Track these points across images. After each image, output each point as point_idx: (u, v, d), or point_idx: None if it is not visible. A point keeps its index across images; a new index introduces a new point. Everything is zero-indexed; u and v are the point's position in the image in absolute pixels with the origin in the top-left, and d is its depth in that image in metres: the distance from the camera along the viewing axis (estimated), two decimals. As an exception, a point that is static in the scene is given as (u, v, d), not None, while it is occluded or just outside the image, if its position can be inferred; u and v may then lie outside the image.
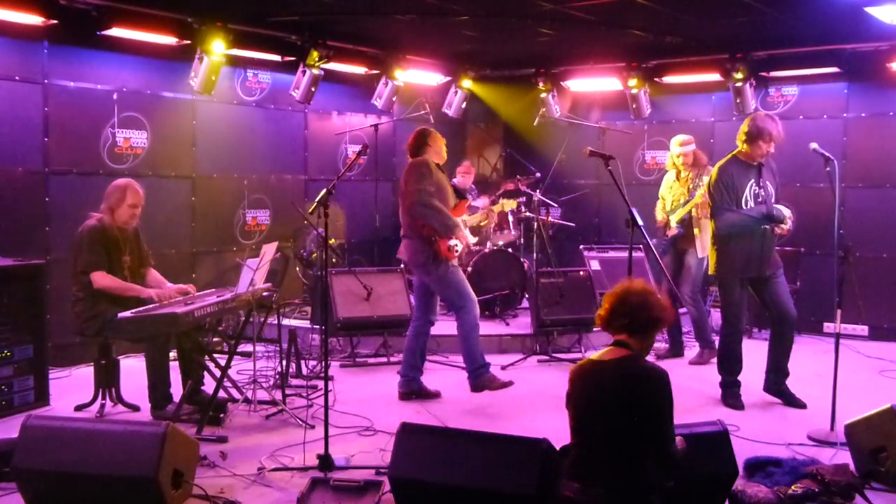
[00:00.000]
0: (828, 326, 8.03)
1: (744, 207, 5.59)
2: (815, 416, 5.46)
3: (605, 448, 3.14)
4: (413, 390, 5.97)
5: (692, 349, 7.31)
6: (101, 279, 5.28)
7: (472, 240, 6.27)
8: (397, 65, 8.73)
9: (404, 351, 6.07)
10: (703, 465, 3.84)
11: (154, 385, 5.39)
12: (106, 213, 5.42)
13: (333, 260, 7.94)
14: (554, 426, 5.21)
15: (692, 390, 6.15)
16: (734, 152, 5.75)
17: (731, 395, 5.80)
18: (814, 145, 5.36)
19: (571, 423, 3.28)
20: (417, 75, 9.15)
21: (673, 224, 7.02)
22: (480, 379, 6.10)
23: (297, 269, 8.28)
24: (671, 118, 9.53)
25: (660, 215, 7.20)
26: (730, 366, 5.83)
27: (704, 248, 6.73)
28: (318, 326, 7.06)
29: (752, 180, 5.62)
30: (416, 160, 6.00)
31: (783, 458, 4.43)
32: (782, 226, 5.62)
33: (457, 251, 5.91)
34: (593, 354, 3.39)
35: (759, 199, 5.61)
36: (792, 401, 5.75)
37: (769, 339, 5.89)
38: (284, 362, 6.11)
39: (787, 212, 5.60)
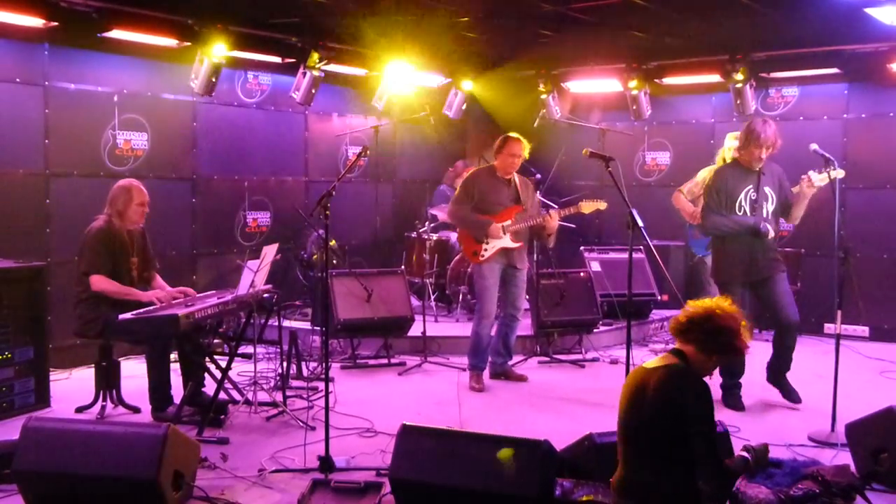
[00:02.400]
0: (828, 327, 8.03)
1: (738, 213, 5.60)
2: (815, 417, 5.46)
3: (651, 460, 3.05)
4: (498, 372, 6.55)
5: None
6: (98, 282, 5.28)
7: (511, 245, 6.23)
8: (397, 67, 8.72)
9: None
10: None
11: (155, 387, 5.40)
12: (114, 216, 5.42)
13: (334, 261, 7.94)
14: (554, 427, 5.21)
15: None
16: (736, 156, 5.76)
17: (731, 395, 5.80)
18: (814, 146, 5.37)
19: (618, 434, 3.22)
20: (418, 77, 9.14)
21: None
22: (470, 373, 6.42)
23: (298, 270, 8.28)
24: (671, 119, 9.53)
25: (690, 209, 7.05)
26: (731, 368, 5.82)
27: None
28: (318, 328, 7.07)
29: (751, 186, 5.60)
30: (469, 172, 6.75)
31: (784, 458, 4.43)
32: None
33: (483, 256, 6.21)
34: (648, 361, 3.30)
35: (756, 206, 5.58)
36: (789, 393, 5.75)
37: (773, 339, 5.86)
38: (285, 364, 6.11)
39: (772, 232, 5.56)
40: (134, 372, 5.96)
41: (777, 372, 5.82)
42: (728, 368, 5.82)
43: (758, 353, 6.11)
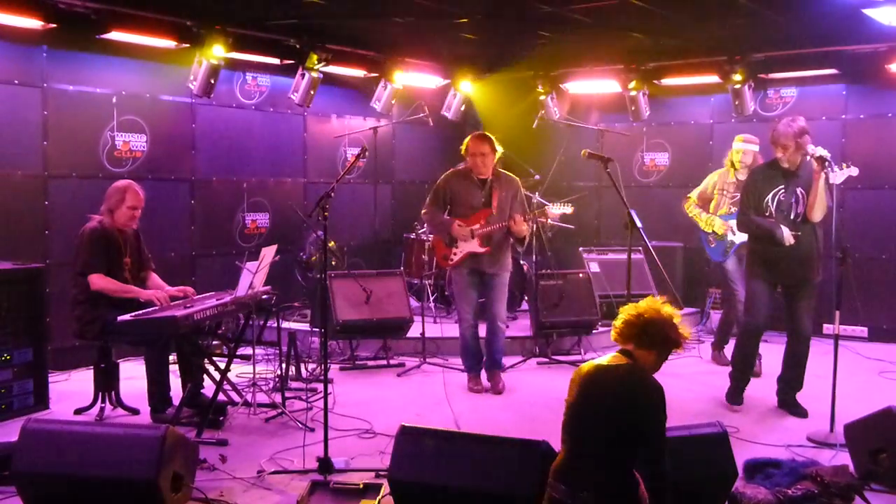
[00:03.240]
0: (827, 328, 8.02)
1: (765, 214, 5.52)
2: (814, 418, 5.46)
3: (595, 452, 3.13)
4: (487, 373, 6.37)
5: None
6: (97, 281, 5.28)
7: (477, 249, 6.00)
8: (396, 68, 8.73)
9: None
10: (702, 467, 3.85)
11: (154, 388, 5.39)
12: (105, 214, 5.43)
13: (333, 263, 7.94)
14: (553, 428, 5.21)
15: (692, 391, 6.16)
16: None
17: (733, 390, 5.76)
18: (811, 147, 5.35)
19: (564, 421, 3.29)
20: (416, 78, 9.15)
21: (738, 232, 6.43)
22: (467, 375, 6.38)
23: (297, 272, 8.28)
24: (670, 120, 9.54)
25: (701, 215, 6.96)
26: (739, 364, 5.78)
27: None
28: (317, 329, 7.07)
29: (781, 187, 5.49)
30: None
31: (782, 459, 4.44)
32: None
33: (452, 260, 6.08)
34: (598, 359, 3.38)
35: (783, 208, 5.47)
36: (795, 410, 5.65)
37: (784, 350, 5.76)
38: (284, 365, 6.11)
39: (791, 240, 5.42)
40: (133, 373, 5.96)
41: (788, 391, 5.70)
42: (737, 364, 5.76)
43: (766, 352, 6.15)
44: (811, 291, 5.59)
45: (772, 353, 6.38)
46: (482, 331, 6.34)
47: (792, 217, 5.49)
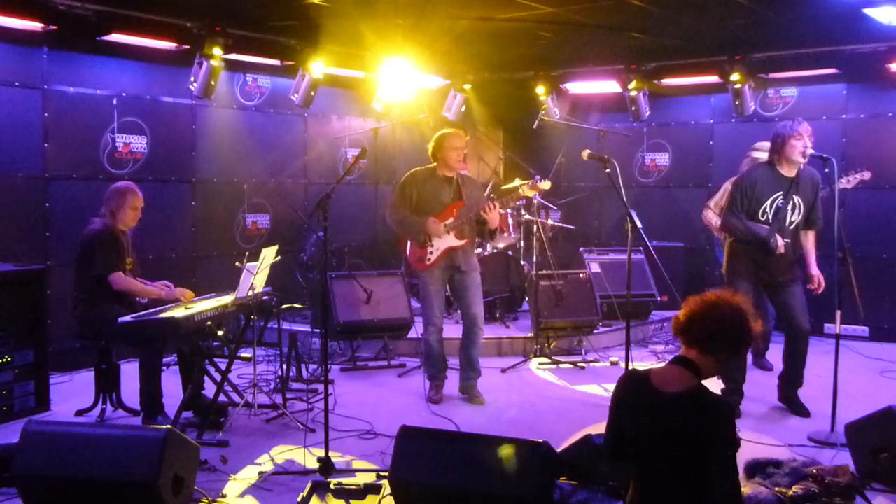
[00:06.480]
0: (828, 328, 8.01)
1: (760, 218, 5.45)
2: (815, 418, 5.47)
3: (672, 485, 2.92)
4: (462, 388, 6.12)
5: None
6: (120, 280, 5.32)
7: (455, 243, 5.84)
8: (396, 69, 8.71)
9: None
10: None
11: (145, 392, 5.31)
12: (108, 216, 5.43)
13: (333, 263, 7.95)
14: (554, 429, 5.22)
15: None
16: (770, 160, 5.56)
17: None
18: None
19: (621, 445, 3.02)
20: (417, 79, 9.13)
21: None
22: (429, 383, 6.15)
23: (297, 273, 8.29)
24: (670, 120, 9.54)
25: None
26: (730, 373, 5.66)
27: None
28: (318, 330, 7.07)
29: (780, 193, 5.43)
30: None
31: (783, 459, 4.43)
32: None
33: (429, 260, 5.86)
34: (651, 372, 2.99)
35: (780, 215, 5.42)
36: (797, 409, 5.65)
37: (783, 348, 5.74)
38: (285, 366, 6.12)
39: (781, 248, 5.38)
40: (134, 375, 5.92)
41: (789, 388, 5.68)
42: (727, 373, 5.70)
43: (770, 354, 6.13)
44: (800, 286, 5.60)
45: (772, 353, 6.39)
46: (457, 332, 6.20)
47: (788, 225, 5.47)
